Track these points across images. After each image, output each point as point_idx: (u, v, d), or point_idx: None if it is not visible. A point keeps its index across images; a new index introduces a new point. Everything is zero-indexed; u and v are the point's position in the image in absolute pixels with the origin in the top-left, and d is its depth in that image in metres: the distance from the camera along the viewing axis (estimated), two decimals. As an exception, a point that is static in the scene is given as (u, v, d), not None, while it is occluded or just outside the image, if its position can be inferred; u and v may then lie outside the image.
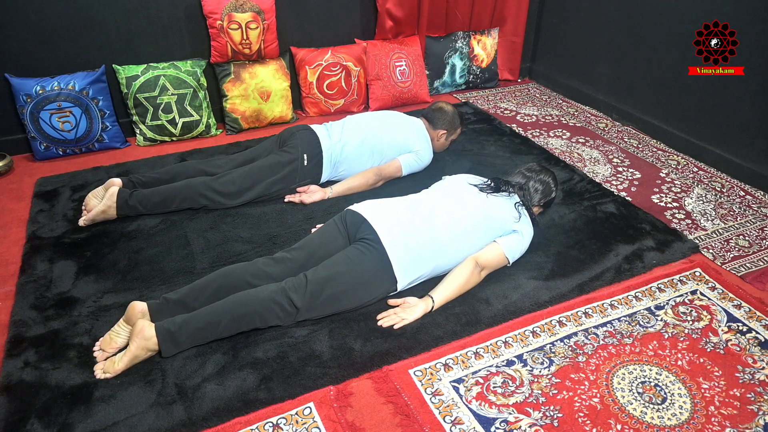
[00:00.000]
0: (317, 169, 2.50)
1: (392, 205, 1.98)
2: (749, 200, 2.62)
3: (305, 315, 1.76)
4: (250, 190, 2.38)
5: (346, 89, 3.33)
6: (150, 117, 2.94)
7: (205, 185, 2.33)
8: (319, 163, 2.49)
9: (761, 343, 1.80)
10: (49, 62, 2.78)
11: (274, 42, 3.06)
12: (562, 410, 1.55)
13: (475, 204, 1.99)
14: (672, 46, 3.00)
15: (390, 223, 1.87)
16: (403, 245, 1.84)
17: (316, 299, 1.74)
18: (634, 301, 1.97)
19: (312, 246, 1.92)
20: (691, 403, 1.59)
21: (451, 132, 2.73)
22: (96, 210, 2.26)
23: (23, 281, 1.98)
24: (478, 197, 2.01)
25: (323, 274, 1.76)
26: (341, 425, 1.50)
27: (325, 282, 1.75)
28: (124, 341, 1.68)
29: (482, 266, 1.94)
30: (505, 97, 3.83)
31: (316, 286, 1.74)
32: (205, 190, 2.33)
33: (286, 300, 1.72)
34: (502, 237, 1.99)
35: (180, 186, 2.33)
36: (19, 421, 1.47)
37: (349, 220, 1.94)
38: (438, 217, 1.93)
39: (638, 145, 3.15)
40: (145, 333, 1.62)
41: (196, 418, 1.48)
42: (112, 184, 2.33)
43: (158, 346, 1.63)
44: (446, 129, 2.70)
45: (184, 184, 2.34)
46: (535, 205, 2.15)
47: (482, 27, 3.76)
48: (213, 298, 1.74)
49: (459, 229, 1.93)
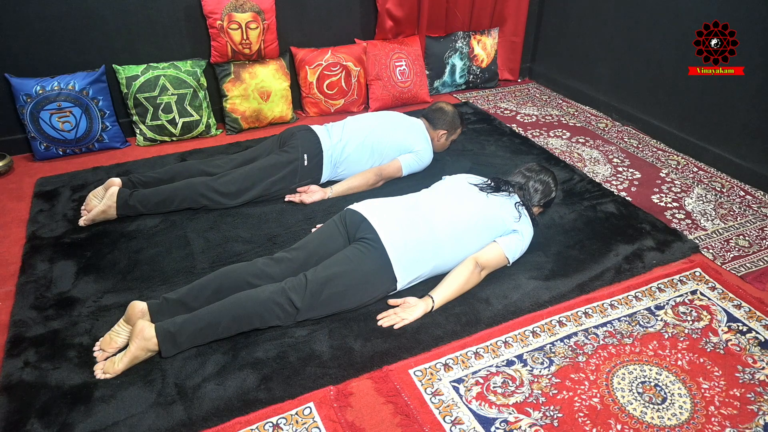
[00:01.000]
0: (317, 169, 2.50)
1: (392, 204, 1.98)
2: (749, 200, 2.62)
3: (305, 315, 1.76)
4: (250, 190, 2.38)
5: (346, 89, 3.33)
6: (150, 117, 2.94)
7: (205, 185, 2.33)
8: (319, 163, 2.49)
9: (761, 343, 1.80)
10: (49, 62, 2.78)
11: (274, 42, 3.06)
12: (562, 410, 1.55)
13: (475, 203, 1.99)
14: (672, 46, 3.00)
15: (389, 222, 1.87)
16: (403, 244, 1.84)
17: (316, 299, 1.74)
18: (634, 301, 1.97)
19: (311, 246, 1.91)
20: (691, 403, 1.59)
21: (452, 132, 2.73)
22: (96, 210, 2.26)
23: (23, 281, 1.98)
24: (479, 197, 2.01)
25: (323, 274, 1.76)
26: (341, 425, 1.50)
27: (325, 282, 1.75)
28: (124, 341, 1.68)
29: (482, 266, 1.94)
30: (505, 97, 3.83)
31: (316, 286, 1.74)
32: (206, 190, 2.33)
33: (286, 300, 1.72)
34: (501, 237, 1.99)
35: (180, 186, 2.33)
36: (19, 421, 1.47)
37: (348, 220, 1.94)
38: (438, 216, 1.93)
39: (638, 145, 3.15)
40: (145, 333, 1.62)
41: (196, 418, 1.48)
42: (111, 184, 2.33)
43: (158, 346, 1.63)
44: (446, 129, 2.70)
45: (184, 184, 2.34)
46: (535, 205, 2.15)
47: (482, 27, 3.76)
48: (213, 298, 1.74)
49: (459, 227, 1.93)
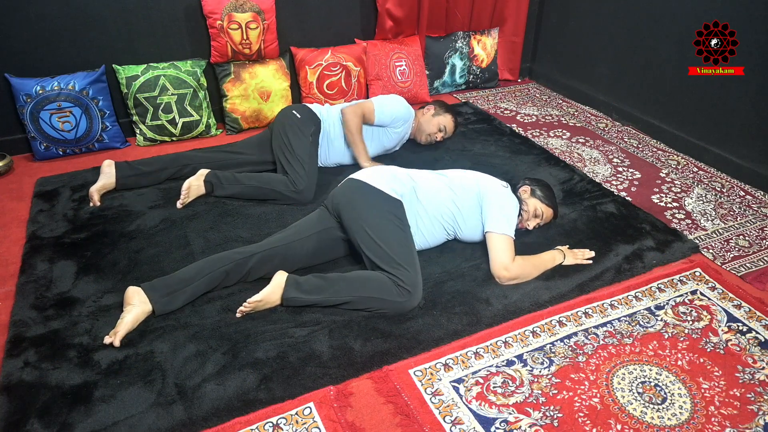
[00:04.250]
0: (315, 119, 2.57)
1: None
2: (749, 200, 2.62)
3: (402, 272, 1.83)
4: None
5: (346, 89, 3.33)
6: (150, 117, 2.94)
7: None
8: (313, 116, 2.57)
9: (761, 343, 1.80)
10: (49, 62, 2.78)
11: (274, 42, 3.06)
12: (562, 410, 1.55)
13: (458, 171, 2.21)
14: (672, 46, 3.00)
15: (357, 173, 2.07)
16: (369, 171, 2.06)
17: (388, 258, 1.84)
18: (634, 301, 1.97)
19: (296, 226, 2.05)
20: (691, 403, 1.59)
21: (439, 112, 2.80)
22: (95, 186, 2.43)
23: (23, 281, 1.98)
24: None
25: (367, 241, 1.87)
26: (341, 425, 1.50)
27: (370, 243, 1.86)
28: (129, 318, 1.75)
29: (506, 264, 1.95)
30: (505, 97, 3.83)
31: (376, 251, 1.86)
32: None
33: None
34: (486, 224, 2.01)
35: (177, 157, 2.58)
36: (19, 421, 1.47)
37: (328, 203, 2.06)
38: (418, 172, 2.16)
39: (638, 145, 3.15)
40: (136, 297, 1.78)
41: (196, 418, 1.48)
42: (105, 166, 2.50)
43: (150, 303, 1.76)
44: (434, 106, 2.80)
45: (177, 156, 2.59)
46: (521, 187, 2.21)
47: (482, 27, 3.76)
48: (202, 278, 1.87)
49: (439, 175, 2.14)
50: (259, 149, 2.60)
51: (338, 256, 2.08)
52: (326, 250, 2.03)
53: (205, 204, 2.42)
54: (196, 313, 1.82)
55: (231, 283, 1.91)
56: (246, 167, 2.57)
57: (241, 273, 1.89)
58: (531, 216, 2.14)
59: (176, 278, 1.82)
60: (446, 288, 1.96)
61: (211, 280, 1.84)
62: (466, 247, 2.17)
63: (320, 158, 2.62)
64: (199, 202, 2.43)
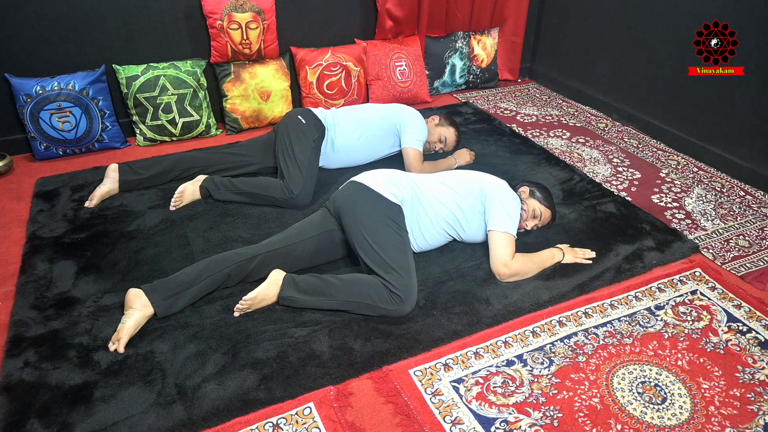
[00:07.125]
0: (317, 123, 2.55)
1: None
2: (749, 200, 2.62)
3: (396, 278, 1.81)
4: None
5: (346, 89, 3.33)
6: (150, 117, 2.94)
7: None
8: (317, 123, 2.55)
9: (761, 343, 1.80)
10: (49, 62, 2.78)
11: (274, 42, 3.06)
12: (562, 410, 1.55)
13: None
14: (672, 46, 3.00)
15: (360, 176, 2.06)
16: (371, 174, 2.05)
17: (389, 265, 1.81)
18: (634, 301, 1.97)
19: (298, 227, 2.04)
20: (691, 403, 1.59)
21: (443, 123, 2.80)
22: (100, 190, 2.43)
23: (23, 281, 1.98)
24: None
25: (364, 245, 1.86)
26: (341, 425, 1.50)
27: (368, 247, 1.85)
28: (131, 323, 1.73)
29: (506, 260, 1.96)
30: (505, 97, 3.83)
31: (376, 257, 1.83)
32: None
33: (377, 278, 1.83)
34: (489, 223, 2.02)
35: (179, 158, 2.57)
36: (19, 421, 1.47)
37: (330, 206, 2.06)
38: (420, 176, 2.17)
39: (638, 145, 3.15)
40: (137, 301, 1.75)
41: (196, 418, 1.48)
42: (111, 171, 2.50)
43: (152, 306, 1.76)
44: (440, 116, 2.81)
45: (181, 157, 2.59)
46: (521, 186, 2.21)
47: (482, 27, 3.76)
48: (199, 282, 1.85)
49: (441, 177, 2.15)
50: (263, 154, 2.59)
51: (339, 257, 2.08)
52: (327, 251, 2.03)
53: (205, 204, 2.42)
54: (196, 313, 1.82)
55: (232, 284, 1.91)
56: (249, 172, 2.58)
57: (243, 274, 1.89)
58: (530, 216, 2.14)
59: (177, 280, 1.81)
60: (446, 288, 1.97)
61: (213, 282, 1.84)
62: (466, 247, 2.17)
63: (323, 163, 2.61)
64: (199, 202, 2.43)
